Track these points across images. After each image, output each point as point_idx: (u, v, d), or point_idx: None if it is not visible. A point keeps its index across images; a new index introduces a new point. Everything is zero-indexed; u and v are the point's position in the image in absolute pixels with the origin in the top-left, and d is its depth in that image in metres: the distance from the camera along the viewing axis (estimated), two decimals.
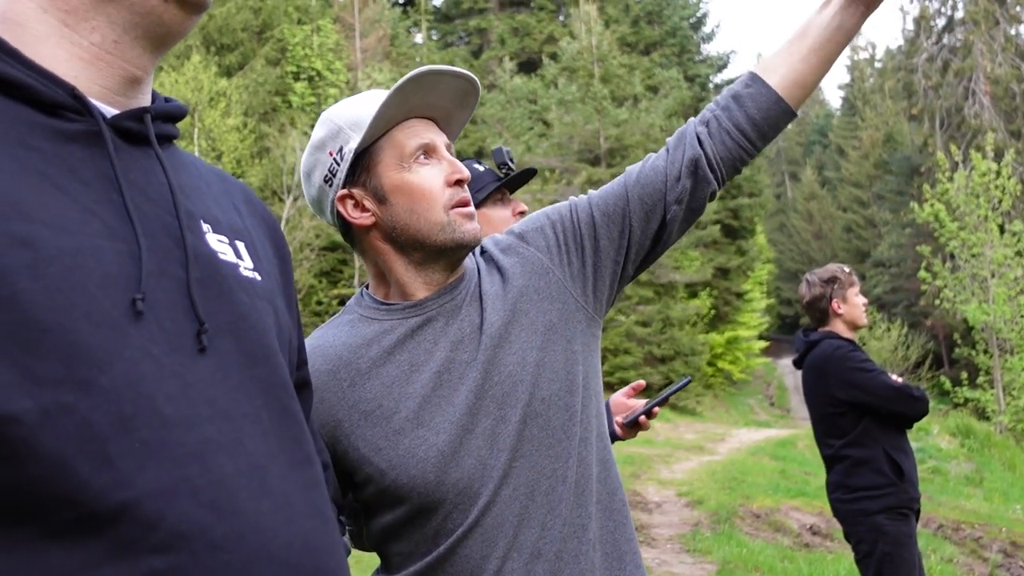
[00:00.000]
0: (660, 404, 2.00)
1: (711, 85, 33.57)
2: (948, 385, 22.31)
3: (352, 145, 1.31)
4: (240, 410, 0.80)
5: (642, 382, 2.16)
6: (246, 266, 0.90)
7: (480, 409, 1.30)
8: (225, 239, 0.90)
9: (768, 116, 1.41)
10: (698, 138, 1.40)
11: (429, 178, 1.31)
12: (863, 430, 3.53)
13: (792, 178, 63.90)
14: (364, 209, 1.33)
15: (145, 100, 0.88)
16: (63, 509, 0.68)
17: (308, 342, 1.31)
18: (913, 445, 13.43)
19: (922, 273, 22.84)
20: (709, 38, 35.90)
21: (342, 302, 22.43)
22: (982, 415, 21.76)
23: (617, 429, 2.09)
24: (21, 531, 0.67)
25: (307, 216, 20.45)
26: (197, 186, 0.92)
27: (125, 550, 0.69)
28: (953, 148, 24.76)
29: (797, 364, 3.79)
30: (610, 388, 22.90)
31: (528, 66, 31.88)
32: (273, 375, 0.86)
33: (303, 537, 0.81)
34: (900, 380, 3.53)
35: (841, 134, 57.69)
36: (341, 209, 1.34)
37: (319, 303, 21.88)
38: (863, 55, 66.77)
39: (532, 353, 1.32)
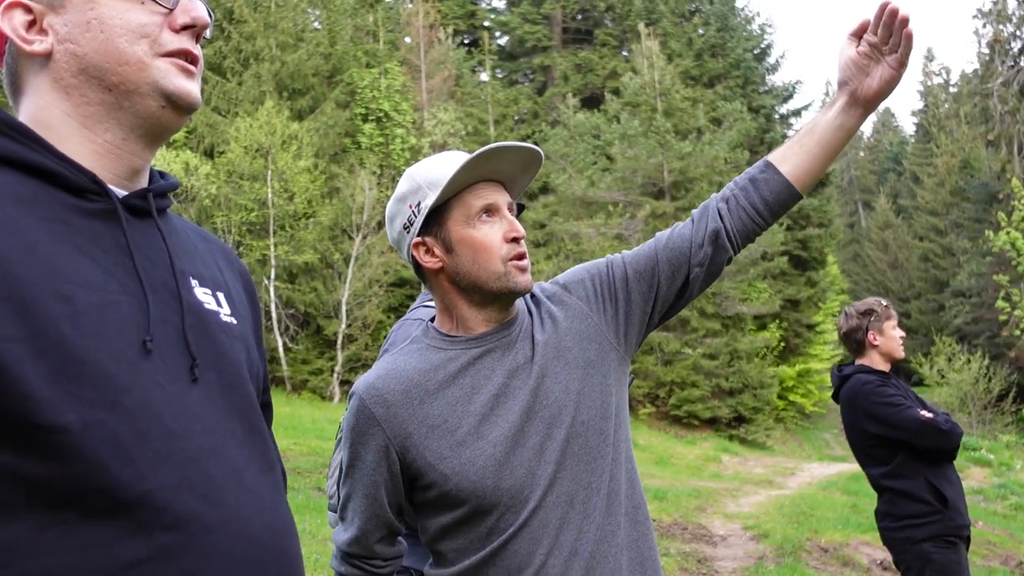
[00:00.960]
0: None
1: (776, 116, 33.26)
2: None
3: (428, 202, 1.55)
4: (222, 427, 1.04)
5: None
6: (225, 312, 1.14)
7: (530, 427, 1.52)
8: (208, 291, 1.14)
9: (779, 199, 1.66)
10: (719, 213, 1.65)
11: (490, 235, 1.55)
12: (901, 461, 3.57)
13: (866, 207, 62.55)
14: (434, 255, 1.57)
15: (145, 182, 1.14)
16: (97, 497, 0.91)
17: (383, 365, 1.58)
18: (994, 480, 13.03)
19: (1000, 303, 22.13)
20: (774, 69, 35.61)
21: None
22: None
23: None
24: (63, 513, 0.89)
25: (375, 253, 20.93)
26: (187, 248, 1.16)
27: (141, 529, 0.92)
28: None
29: (834, 398, 3.87)
30: (677, 421, 22.69)
31: (591, 101, 32.16)
32: (244, 400, 1.11)
33: (271, 524, 1.04)
34: (930, 414, 3.54)
35: (916, 161, 56.34)
36: (415, 253, 1.59)
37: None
38: (937, 80, 65.24)
39: (574, 384, 1.56)
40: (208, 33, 1.17)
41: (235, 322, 1.16)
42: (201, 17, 1.12)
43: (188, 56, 1.11)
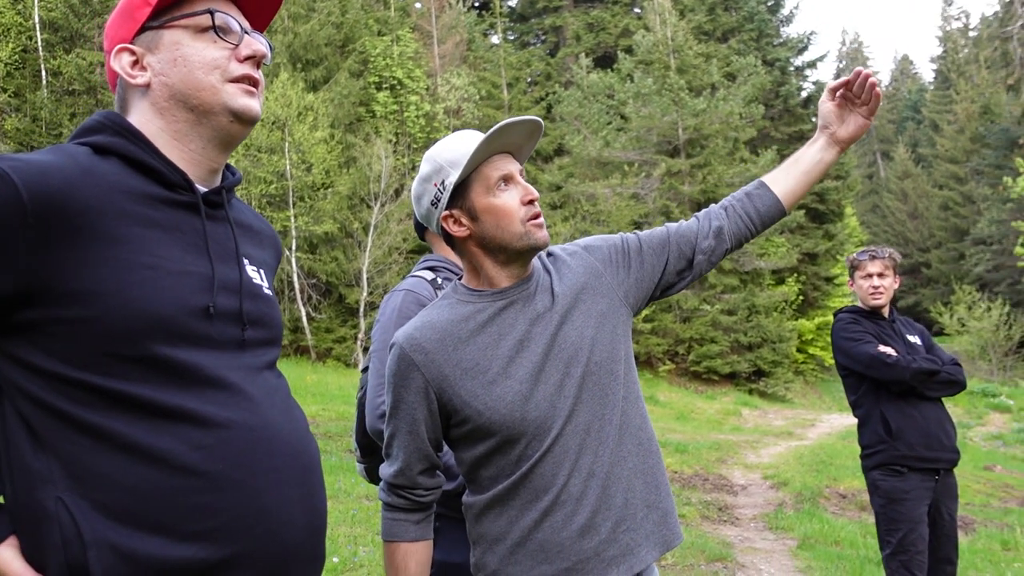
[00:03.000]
0: None
1: (791, 68, 32.95)
2: None
3: (452, 179, 1.77)
4: (259, 373, 1.38)
5: None
6: (265, 287, 1.47)
7: (551, 367, 1.75)
8: (256, 268, 1.46)
9: (769, 212, 2.00)
10: (721, 215, 1.98)
11: (509, 200, 1.77)
12: (863, 392, 3.91)
13: (885, 157, 61.84)
14: (462, 224, 1.79)
15: (219, 180, 1.46)
16: (174, 410, 1.26)
17: (419, 318, 1.83)
18: (1014, 426, 13.14)
19: (1019, 249, 22.08)
20: (788, 20, 35.22)
21: None
22: None
23: None
24: (153, 419, 1.24)
25: (394, 221, 21.13)
26: (247, 230, 1.49)
27: (206, 426, 1.26)
28: None
29: None
30: (697, 377, 22.91)
31: (604, 61, 32.00)
32: (274, 351, 1.46)
33: (297, 433, 1.39)
34: (887, 350, 3.79)
35: (935, 108, 55.56)
36: (445, 225, 1.81)
37: None
38: (956, 25, 63.95)
39: (588, 330, 1.80)
40: (267, 61, 1.46)
41: (271, 294, 1.49)
42: (260, 50, 1.43)
43: (250, 80, 1.41)
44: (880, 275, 4.00)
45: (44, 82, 19.80)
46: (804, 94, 32.72)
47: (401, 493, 1.82)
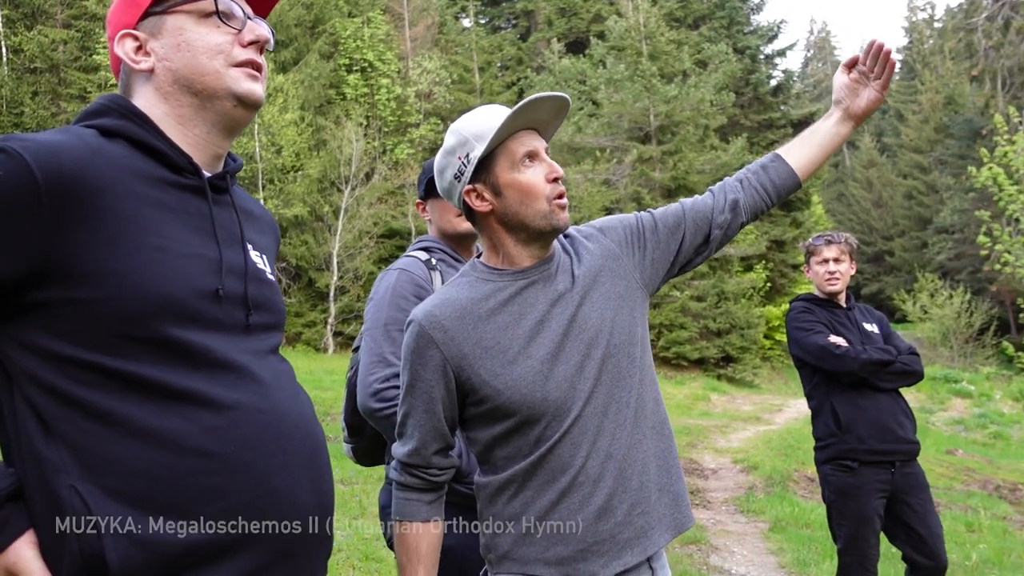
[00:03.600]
0: None
1: (761, 56, 33.18)
2: (1011, 351, 21.98)
3: (477, 153, 1.74)
4: (264, 356, 1.39)
5: None
6: (268, 271, 1.47)
7: (571, 348, 1.73)
8: (259, 254, 1.46)
9: (784, 184, 2.00)
10: (737, 187, 1.97)
11: (534, 177, 1.74)
12: (816, 383, 3.80)
13: (850, 146, 62.48)
14: (484, 199, 1.76)
15: (221, 165, 1.45)
16: (186, 393, 1.25)
17: (438, 296, 1.80)
18: (975, 411, 13.43)
19: (981, 238, 22.42)
20: (758, 8, 35.44)
21: None
22: None
23: None
24: (168, 401, 1.23)
25: (364, 205, 21.01)
26: (249, 216, 1.49)
27: (215, 407, 1.25)
28: (1012, 110, 24.17)
29: None
30: (666, 363, 23.09)
31: (576, 46, 31.98)
32: (277, 336, 1.47)
33: (304, 416, 1.39)
34: (836, 340, 3.70)
35: (900, 98, 56.22)
36: (467, 199, 1.78)
37: None
38: (922, 16, 64.71)
39: (608, 312, 1.78)
40: (270, 46, 1.46)
41: (272, 278, 1.49)
42: (263, 35, 1.43)
43: (254, 64, 1.41)
44: (836, 260, 3.90)
45: (4, 59, 19.35)
46: (773, 82, 32.98)
47: (415, 472, 1.80)
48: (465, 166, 1.76)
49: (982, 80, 36.43)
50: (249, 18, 1.44)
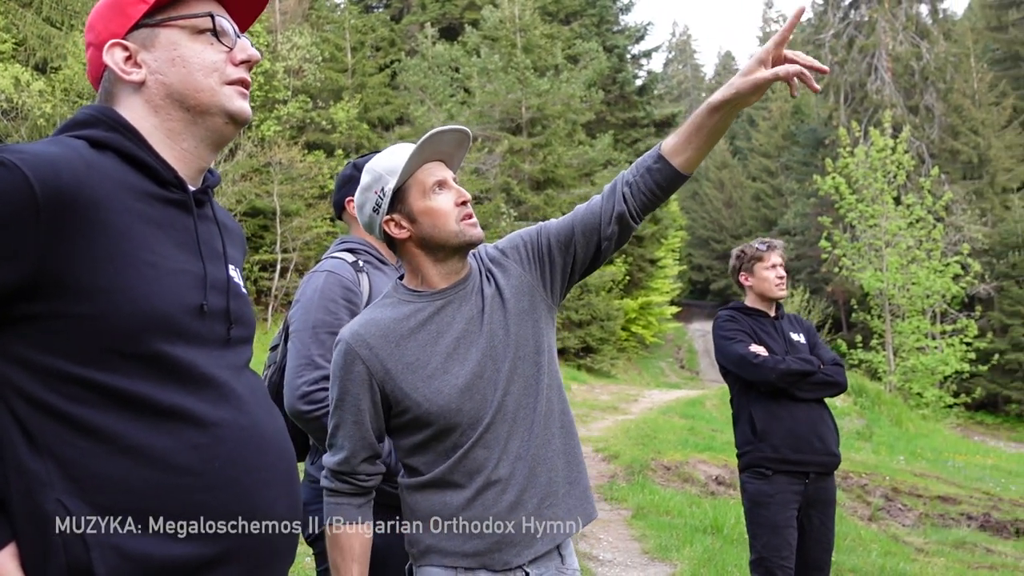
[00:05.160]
0: None
1: (629, 56, 34.19)
2: (844, 348, 23.71)
3: (390, 187, 1.93)
4: (241, 371, 1.42)
5: None
6: (241, 285, 1.50)
7: (484, 363, 1.91)
8: (235, 267, 1.49)
9: (670, 183, 1.99)
10: (624, 196, 2.00)
11: (444, 202, 1.93)
12: (738, 391, 3.82)
13: None
14: (402, 227, 1.94)
15: (202, 180, 1.47)
16: (171, 409, 1.28)
17: (363, 316, 1.95)
18: None
19: (823, 242, 24.12)
20: (627, 9, 36.41)
21: (263, 268, 22.34)
22: (874, 375, 23.27)
23: None
24: (149, 417, 1.26)
25: (228, 182, 20.29)
26: (226, 230, 1.50)
27: (199, 425, 1.28)
28: (854, 124, 26.01)
29: None
30: None
31: (450, 32, 31.91)
32: (250, 349, 1.49)
33: (280, 432, 1.43)
34: (756, 349, 3.69)
35: (753, 104, 59.11)
36: (387, 228, 1.95)
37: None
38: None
39: (513, 327, 1.96)
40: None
41: (245, 291, 1.52)
42: (255, 55, 1.47)
43: (244, 83, 1.45)
44: (781, 265, 3.90)
45: None
46: (639, 82, 34.07)
47: (346, 479, 1.93)
48: (382, 199, 1.93)
49: (827, 93, 38.85)
50: (239, 36, 1.46)
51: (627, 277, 28.14)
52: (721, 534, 6.52)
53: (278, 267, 21.89)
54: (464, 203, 1.94)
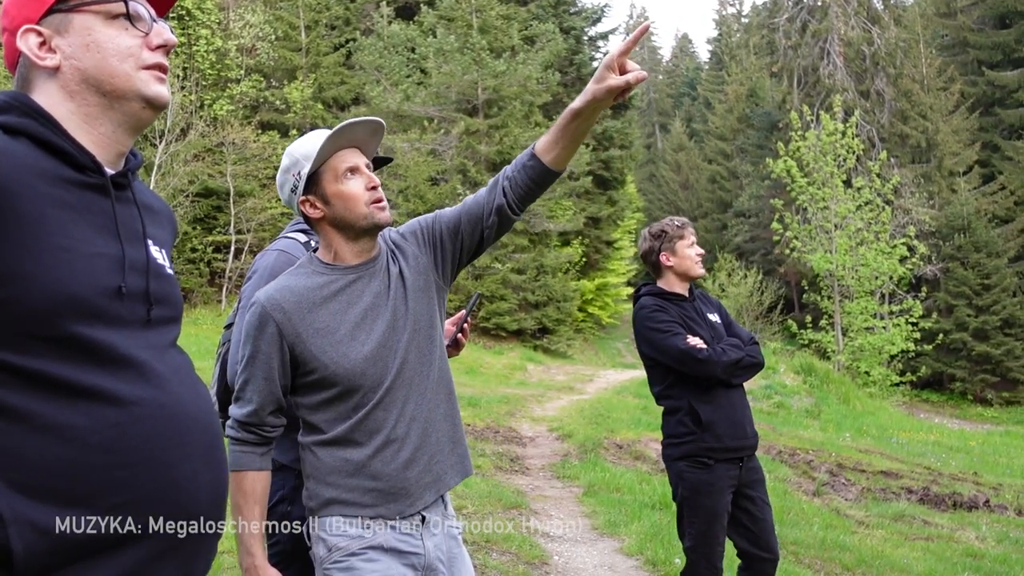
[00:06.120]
0: (465, 323, 2.74)
1: (585, 38, 34.20)
2: (794, 328, 24.19)
3: (306, 170, 2.11)
4: (165, 351, 1.44)
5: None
6: (166, 266, 1.52)
7: (386, 333, 2.11)
8: (159, 248, 1.50)
9: (544, 179, 2.17)
10: (504, 190, 2.18)
11: (355, 187, 2.11)
12: (671, 383, 3.67)
13: (662, 129, 65.70)
14: (316, 208, 2.13)
15: (123, 163, 1.47)
16: (90, 389, 1.30)
17: (279, 282, 2.10)
18: (761, 383, 14.48)
19: (775, 224, 24.55)
20: None
21: (217, 249, 22.07)
22: (823, 355, 23.79)
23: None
24: (67, 397, 1.27)
25: (180, 162, 20.00)
26: (149, 211, 1.51)
27: (118, 403, 1.30)
28: (806, 108, 26.39)
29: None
30: (487, 333, 23.67)
31: (406, 12, 31.59)
32: (176, 329, 1.52)
33: (203, 409, 1.45)
34: (695, 342, 3.61)
35: (709, 87, 59.56)
36: (303, 208, 2.15)
37: (193, 250, 21.41)
38: (731, 10, 68.68)
39: (412, 303, 2.17)
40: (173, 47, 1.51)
41: (171, 272, 1.54)
42: (171, 39, 1.48)
43: (162, 68, 1.47)
44: (696, 242, 3.81)
45: None
46: (596, 64, 34.09)
47: (252, 430, 2.09)
48: (298, 181, 2.12)
49: (781, 77, 39.32)
50: (155, 20, 1.46)
51: (584, 258, 28.32)
52: (669, 510, 6.64)
53: (232, 248, 21.65)
54: (374, 188, 2.11)
